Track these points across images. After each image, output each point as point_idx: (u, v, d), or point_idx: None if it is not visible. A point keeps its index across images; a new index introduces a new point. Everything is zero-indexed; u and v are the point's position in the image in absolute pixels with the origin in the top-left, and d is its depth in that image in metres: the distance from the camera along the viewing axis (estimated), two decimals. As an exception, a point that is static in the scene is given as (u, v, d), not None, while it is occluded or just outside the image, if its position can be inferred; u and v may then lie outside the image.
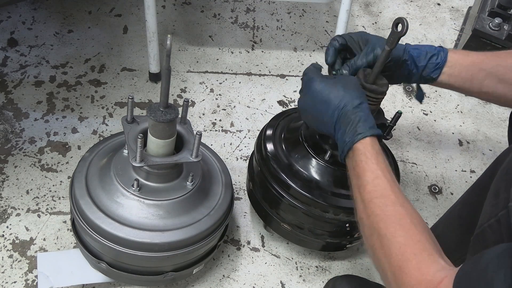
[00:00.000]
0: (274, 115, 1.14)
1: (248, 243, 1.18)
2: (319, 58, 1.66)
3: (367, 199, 0.73)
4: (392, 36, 0.82)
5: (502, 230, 0.67)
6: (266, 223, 1.14)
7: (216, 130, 1.40)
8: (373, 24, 1.83)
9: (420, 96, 1.01)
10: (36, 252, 1.09)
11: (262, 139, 1.07)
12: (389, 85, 0.93)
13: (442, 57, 0.92)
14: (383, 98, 0.90)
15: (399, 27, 0.81)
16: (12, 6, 1.64)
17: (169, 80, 0.83)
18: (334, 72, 0.92)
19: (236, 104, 1.48)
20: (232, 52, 1.63)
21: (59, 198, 1.19)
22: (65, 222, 1.15)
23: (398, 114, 0.96)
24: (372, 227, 0.71)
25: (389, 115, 0.95)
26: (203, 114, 1.44)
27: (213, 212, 0.96)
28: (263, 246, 1.18)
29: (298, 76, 1.59)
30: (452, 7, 1.95)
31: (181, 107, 0.96)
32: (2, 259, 1.08)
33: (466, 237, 0.83)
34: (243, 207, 1.25)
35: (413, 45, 0.94)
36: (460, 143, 1.49)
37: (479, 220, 0.72)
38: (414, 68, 0.93)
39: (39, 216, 1.16)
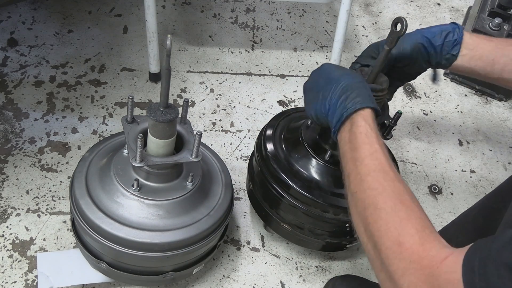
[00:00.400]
0: (274, 115, 1.14)
1: (248, 243, 1.18)
2: (319, 58, 1.66)
3: (365, 172, 0.70)
4: (391, 35, 0.82)
5: None
6: (266, 223, 1.14)
7: (216, 130, 1.40)
8: (373, 24, 1.83)
9: (435, 76, 1.00)
10: (36, 252, 1.09)
11: (262, 139, 1.07)
12: (418, 75, 0.94)
13: (459, 33, 0.90)
14: (385, 95, 0.89)
15: (398, 27, 0.81)
16: (12, 6, 1.64)
17: (169, 80, 0.83)
18: None
19: (236, 104, 1.48)
20: (232, 52, 1.63)
21: (59, 198, 1.19)
22: (65, 222, 1.15)
23: (398, 114, 0.96)
24: (367, 201, 0.68)
25: (389, 115, 0.95)
26: (203, 114, 1.44)
27: (213, 212, 0.96)
28: (263, 246, 1.18)
29: (298, 76, 1.59)
30: (452, 7, 1.95)
31: (181, 107, 0.96)
32: (2, 259, 1.08)
33: None
34: (243, 207, 1.25)
35: (425, 28, 0.93)
36: (460, 143, 1.49)
37: (499, 228, 0.71)
38: (432, 50, 0.91)
39: (39, 216, 1.16)
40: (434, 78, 0.99)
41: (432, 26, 0.93)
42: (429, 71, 1.00)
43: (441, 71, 1.57)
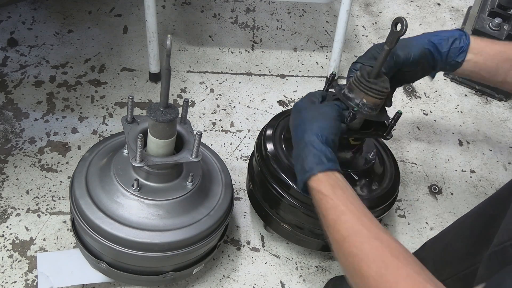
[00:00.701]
0: (274, 115, 1.14)
1: (248, 243, 1.18)
2: (319, 58, 1.66)
3: (339, 239, 0.70)
4: (392, 36, 0.82)
5: None
6: (266, 223, 1.14)
7: (216, 130, 1.40)
8: (373, 24, 1.83)
9: (433, 74, 1.02)
10: (36, 252, 1.09)
11: (262, 139, 1.07)
12: (417, 79, 0.95)
13: (465, 41, 0.90)
14: (387, 94, 0.89)
15: (398, 27, 0.81)
16: (12, 6, 1.64)
17: (169, 80, 0.83)
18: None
19: (236, 104, 1.48)
20: (232, 52, 1.63)
21: (59, 198, 1.19)
22: (65, 222, 1.15)
23: (398, 114, 0.95)
24: (352, 268, 0.67)
25: (389, 115, 0.95)
26: (203, 114, 1.44)
27: (213, 212, 0.96)
28: (263, 246, 1.18)
29: (298, 76, 1.59)
30: (452, 7, 1.95)
31: (181, 107, 0.96)
32: (2, 259, 1.08)
33: (478, 248, 0.82)
34: (243, 207, 1.25)
35: (432, 32, 0.93)
36: (460, 143, 1.49)
37: (497, 236, 0.70)
38: (438, 56, 0.91)
39: (39, 216, 1.16)
40: (433, 77, 1.00)
41: (438, 31, 0.93)
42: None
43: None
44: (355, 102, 0.87)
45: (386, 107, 0.95)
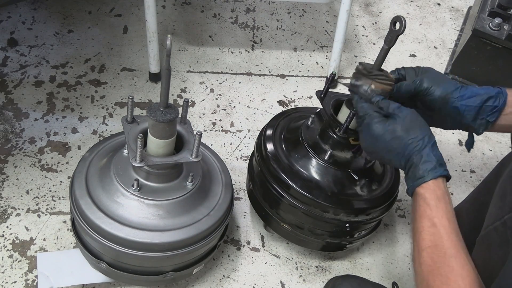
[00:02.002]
0: (274, 115, 1.14)
1: (248, 243, 1.18)
2: (319, 58, 1.66)
3: (421, 247, 0.73)
4: (390, 34, 0.82)
5: (508, 233, 0.66)
6: (266, 223, 1.14)
7: (216, 130, 1.40)
8: (373, 24, 1.83)
9: (469, 144, 0.97)
10: (36, 252, 1.09)
11: (262, 139, 1.07)
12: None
13: (502, 100, 0.85)
14: (393, 82, 0.87)
15: (397, 26, 0.81)
16: (12, 6, 1.64)
17: (169, 80, 0.83)
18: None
19: (236, 104, 1.48)
20: (232, 52, 1.63)
21: (59, 198, 1.19)
22: (65, 222, 1.15)
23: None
24: (422, 275, 0.72)
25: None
26: (203, 114, 1.44)
27: (213, 212, 0.96)
28: (263, 246, 1.18)
29: (298, 76, 1.59)
30: (452, 7, 1.95)
31: (181, 107, 0.96)
32: (2, 259, 1.08)
33: (473, 236, 0.83)
34: (243, 207, 1.25)
35: (467, 86, 0.88)
36: (460, 143, 1.49)
37: (484, 222, 0.72)
38: (466, 110, 0.86)
39: (39, 216, 1.16)
40: (468, 145, 0.96)
41: (474, 88, 0.87)
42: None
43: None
44: (363, 89, 0.86)
45: None
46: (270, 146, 1.04)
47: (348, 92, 0.92)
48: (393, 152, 0.80)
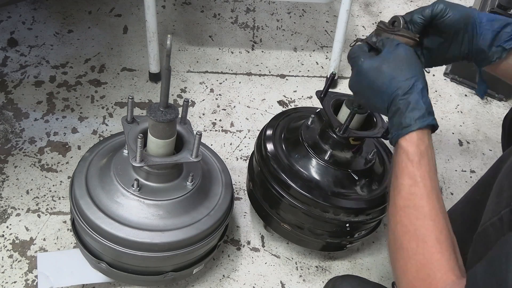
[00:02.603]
0: (274, 115, 1.14)
1: (248, 243, 1.18)
2: (319, 58, 1.66)
3: (400, 205, 0.71)
4: None
5: (504, 229, 0.66)
6: (266, 223, 1.14)
7: (216, 130, 1.40)
8: (373, 24, 1.83)
9: (482, 90, 0.91)
10: (36, 252, 1.09)
11: (262, 139, 1.07)
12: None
13: None
14: (415, 38, 0.82)
15: (396, 25, 0.81)
16: (12, 6, 1.64)
17: (169, 80, 0.83)
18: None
19: (236, 104, 1.48)
20: (232, 52, 1.63)
21: (59, 198, 1.19)
22: (65, 222, 1.15)
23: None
24: (397, 235, 0.70)
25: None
26: (203, 114, 1.44)
27: (213, 212, 0.96)
28: (263, 246, 1.18)
29: (298, 76, 1.59)
30: (452, 7, 1.95)
31: (181, 107, 0.96)
32: (2, 259, 1.08)
33: (469, 234, 0.83)
34: (243, 207, 1.25)
35: (484, 12, 0.83)
36: (460, 143, 1.49)
37: (482, 219, 0.72)
38: (483, 30, 0.80)
39: (39, 216, 1.16)
40: (481, 91, 0.91)
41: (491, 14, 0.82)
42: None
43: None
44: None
45: None
46: (270, 146, 1.04)
47: (348, 93, 0.91)
48: (376, 91, 0.75)
